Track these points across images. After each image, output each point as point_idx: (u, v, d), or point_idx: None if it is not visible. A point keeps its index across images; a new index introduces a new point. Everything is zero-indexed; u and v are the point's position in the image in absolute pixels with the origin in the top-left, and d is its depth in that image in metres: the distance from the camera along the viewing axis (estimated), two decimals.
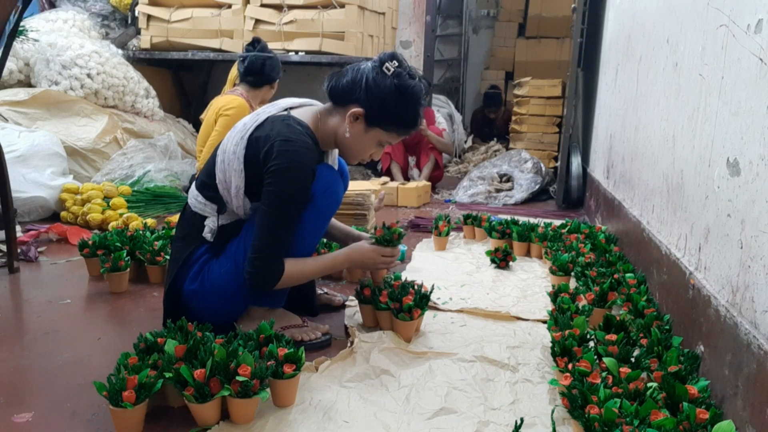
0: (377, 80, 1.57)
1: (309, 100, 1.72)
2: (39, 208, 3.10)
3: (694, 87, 1.64)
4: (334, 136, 1.66)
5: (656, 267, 1.88)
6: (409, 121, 1.63)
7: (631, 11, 2.76)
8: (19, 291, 2.14)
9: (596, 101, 3.76)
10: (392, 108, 1.59)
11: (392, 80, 1.57)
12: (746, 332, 1.16)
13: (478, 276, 2.39)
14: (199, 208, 1.66)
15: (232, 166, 1.58)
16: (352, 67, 1.63)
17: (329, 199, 1.63)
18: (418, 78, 1.62)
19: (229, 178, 1.59)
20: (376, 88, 1.57)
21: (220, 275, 1.61)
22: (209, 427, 1.26)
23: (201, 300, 1.64)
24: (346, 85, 1.60)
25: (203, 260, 1.64)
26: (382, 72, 1.57)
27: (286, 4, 4.35)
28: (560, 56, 7.01)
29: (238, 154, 1.57)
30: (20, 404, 1.35)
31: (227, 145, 1.61)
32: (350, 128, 1.61)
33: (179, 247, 1.68)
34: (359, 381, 1.48)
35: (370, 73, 1.58)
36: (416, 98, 1.60)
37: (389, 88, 1.56)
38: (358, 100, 1.59)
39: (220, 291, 1.62)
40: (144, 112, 4.25)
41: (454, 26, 7.72)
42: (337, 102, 1.64)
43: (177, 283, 1.66)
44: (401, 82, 1.57)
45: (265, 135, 1.55)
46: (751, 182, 1.20)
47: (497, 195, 4.20)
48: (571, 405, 1.23)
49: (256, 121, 1.60)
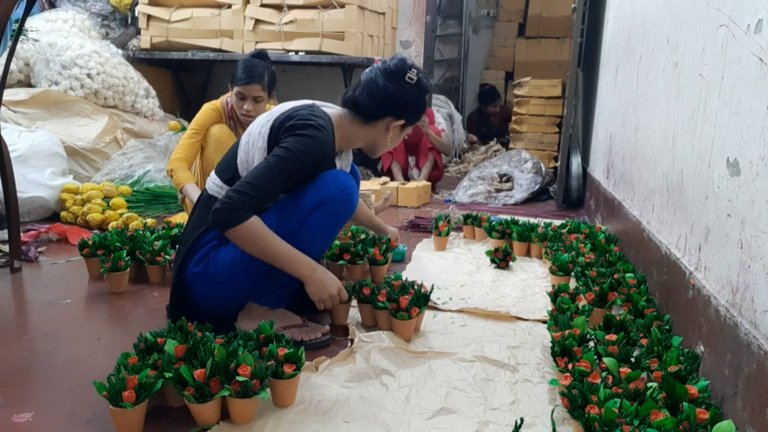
0: (406, 91, 1.71)
1: (330, 104, 1.79)
2: (39, 208, 3.10)
3: (694, 87, 1.64)
4: (364, 141, 1.78)
5: (656, 267, 1.88)
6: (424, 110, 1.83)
7: (631, 11, 2.76)
8: (19, 291, 2.14)
9: (596, 101, 3.76)
10: (418, 107, 1.78)
11: (416, 86, 1.73)
12: (746, 332, 1.16)
13: (478, 276, 2.39)
14: (216, 191, 1.69)
15: (257, 145, 1.65)
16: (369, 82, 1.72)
17: (344, 206, 1.65)
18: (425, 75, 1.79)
19: (252, 157, 1.65)
20: (408, 98, 1.72)
21: (224, 263, 1.62)
22: (209, 427, 1.26)
23: (202, 284, 1.66)
24: (378, 102, 1.71)
25: (211, 245, 1.66)
26: (406, 82, 1.71)
27: (286, 4, 4.35)
28: (560, 56, 7.00)
29: (263, 134, 1.64)
30: (20, 404, 1.35)
31: (253, 128, 1.69)
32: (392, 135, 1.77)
33: (191, 229, 1.71)
34: (359, 381, 1.48)
35: (397, 87, 1.69)
36: (429, 92, 1.81)
37: (415, 94, 1.73)
38: (394, 113, 1.73)
39: (222, 279, 1.63)
40: (144, 112, 4.25)
41: (454, 26, 7.71)
42: (368, 117, 1.73)
43: (183, 263, 1.68)
44: (421, 85, 1.74)
45: (288, 115, 1.64)
46: (751, 182, 1.20)
47: (497, 195, 4.20)
48: (571, 405, 1.23)
49: (282, 109, 1.69)
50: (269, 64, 2.70)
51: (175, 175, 2.64)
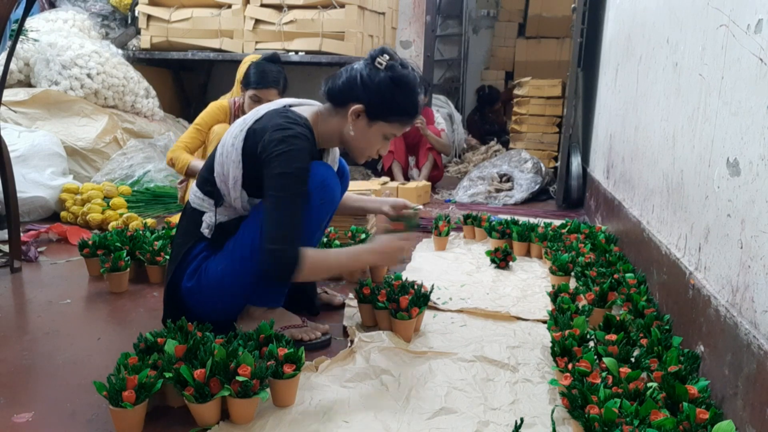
0: (371, 75, 1.59)
1: (308, 101, 1.73)
2: (39, 208, 3.10)
3: (694, 87, 1.64)
4: (337, 135, 1.67)
5: (656, 267, 1.88)
6: (409, 110, 1.65)
7: (631, 11, 2.76)
8: (19, 291, 2.14)
9: (596, 101, 3.76)
10: (390, 99, 1.60)
11: (386, 73, 1.59)
12: (746, 332, 1.16)
13: (478, 276, 2.39)
14: (198, 203, 1.68)
15: (231, 158, 1.59)
16: (346, 68, 1.65)
17: (325, 198, 1.62)
18: (411, 68, 1.65)
19: (227, 171, 1.60)
20: (371, 83, 1.59)
21: (216, 273, 1.61)
22: (209, 427, 1.26)
23: (198, 298, 1.65)
24: (343, 85, 1.62)
25: (201, 258, 1.65)
26: (374, 67, 1.60)
27: (286, 4, 4.35)
28: (560, 56, 7.01)
29: (236, 146, 1.59)
30: (20, 404, 1.35)
31: (227, 139, 1.63)
32: (353, 126, 1.62)
33: (179, 243, 1.69)
34: (359, 381, 1.48)
35: (364, 70, 1.60)
36: (411, 86, 1.62)
37: (384, 81, 1.59)
38: (357, 98, 1.60)
39: (217, 289, 1.62)
40: (144, 112, 4.25)
41: (454, 26, 7.72)
42: (336, 103, 1.64)
43: (175, 280, 1.66)
44: (394, 73, 1.60)
45: (261, 126, 1.58)
46: (751, 182, 1.20)
47: (497, 195, 4.20)
48: (571, 405, 1.23)
49: (255, 115, 1.63)
50: (282, 69, 2.76)
51: (176, 161, 2.70)
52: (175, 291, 1.67)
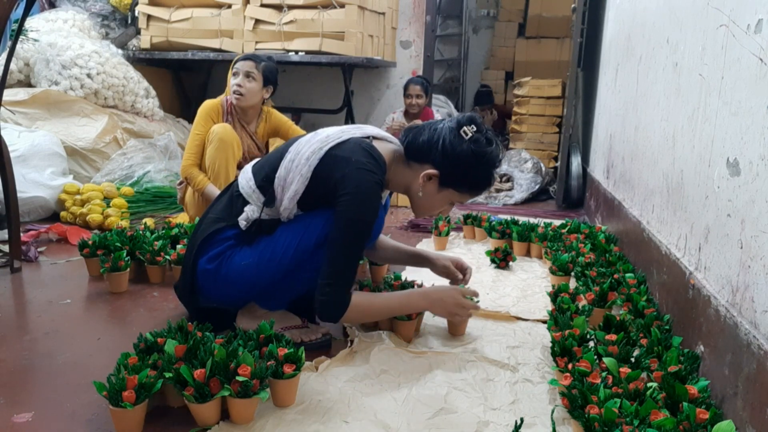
0: (454, 144, 1.57)
1: (389, 135, 1.71)
2: (39, 208, 3.10)
3: (694, 87, 1.64)
4: (405, 186, 1.67)
5: (656, 267, 1.88)
6: (483, 184, 1.65)
7: (631, 11, 2.76)
8: (19, 291, 2.14)
9: (596, 101, 3.76)
10: (467, 172, 1.59)
11: (469, 145, 1.57)
12: (746, 332, 1.16)
13: (478, 276, 2.39)
14: (247, 192, 1.64)
15: (300, 170, 1.56)
16: (429, 126, 1.63)
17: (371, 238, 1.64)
18: (495, 143, 1.62)
19: (291, 179, 1.57)
20: (452, 152, 1.57)
21: (239, 267, 1.59)
22: (209, 427, 1.26)
23: (212, 281, 1.63)
24: (423, 144, 1.60)
25: (227, 244, 1.62)
26: (459, 136, 1.57)
27: (286, 4, 4.35)
28: (560, 56, 7.01)
29: (311, 161, 1.55)
30: (20, 404, 1.35)
31: (302, 148, 1.59)
32: (423, 188, 1.62)
33: (211, 219, 1.67)
34: (359, 381, 1.48)
35: (448, 136, 1.58)
36: (492, 163, 1.61)
37: (466, 153, 1.56)
38: (434, 162, 1.59)
39: (234, 281, 1.60)
40: (144, 112, 4.25)
41: (454, 26, 7.71)
42: (412, 158, 1.64)
43: (195, 256, 1.65)
44: (478, 147, 1.57)
45: (344, 157, 1.54)
46: (751, 182, 1.20)
47: (497, 195, 4.20)
48: (571, 405, 1.23)
49: (339, 138, 1.59)
50: (273, 62, 2.85)
51: (192, 180, 2.75)
52: (193, 266, 1.65)
